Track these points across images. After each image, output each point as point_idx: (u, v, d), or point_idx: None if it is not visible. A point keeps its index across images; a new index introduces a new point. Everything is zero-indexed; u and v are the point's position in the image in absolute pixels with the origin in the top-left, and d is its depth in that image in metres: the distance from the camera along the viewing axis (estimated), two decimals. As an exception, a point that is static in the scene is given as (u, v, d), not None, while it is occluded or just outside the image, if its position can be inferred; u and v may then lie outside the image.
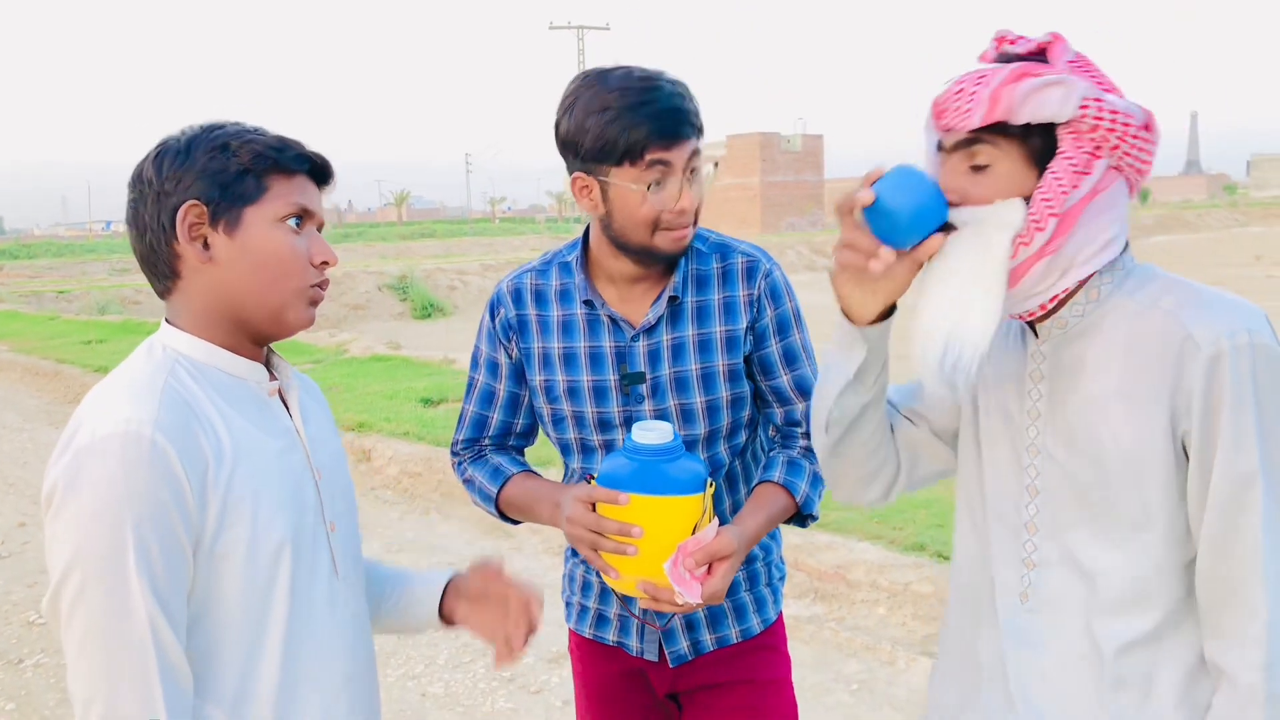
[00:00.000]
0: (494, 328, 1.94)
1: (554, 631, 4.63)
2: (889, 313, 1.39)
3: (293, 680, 1.34)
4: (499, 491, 1.94)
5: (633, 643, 1.95)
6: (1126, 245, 1.35)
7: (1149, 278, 1.33)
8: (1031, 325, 1.39)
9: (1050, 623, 1.38)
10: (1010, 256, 1.28)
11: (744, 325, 1.86)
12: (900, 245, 1.30)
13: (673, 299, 1.83)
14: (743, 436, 1.92)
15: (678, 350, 1.85)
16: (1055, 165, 1.26)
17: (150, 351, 1.37)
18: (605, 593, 1.96)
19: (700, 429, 1.86)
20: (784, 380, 1.89)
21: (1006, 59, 1.31)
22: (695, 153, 1.73)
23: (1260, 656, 1.22)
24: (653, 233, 1.73)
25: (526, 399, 1.96)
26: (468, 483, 2.01)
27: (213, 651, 1.29)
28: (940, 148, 1.34)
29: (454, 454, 2.04)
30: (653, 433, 1.64)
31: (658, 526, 1.62)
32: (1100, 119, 1.25)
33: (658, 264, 1.81)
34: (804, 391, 1.89)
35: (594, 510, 1.65)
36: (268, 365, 1.45)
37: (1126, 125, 1.26)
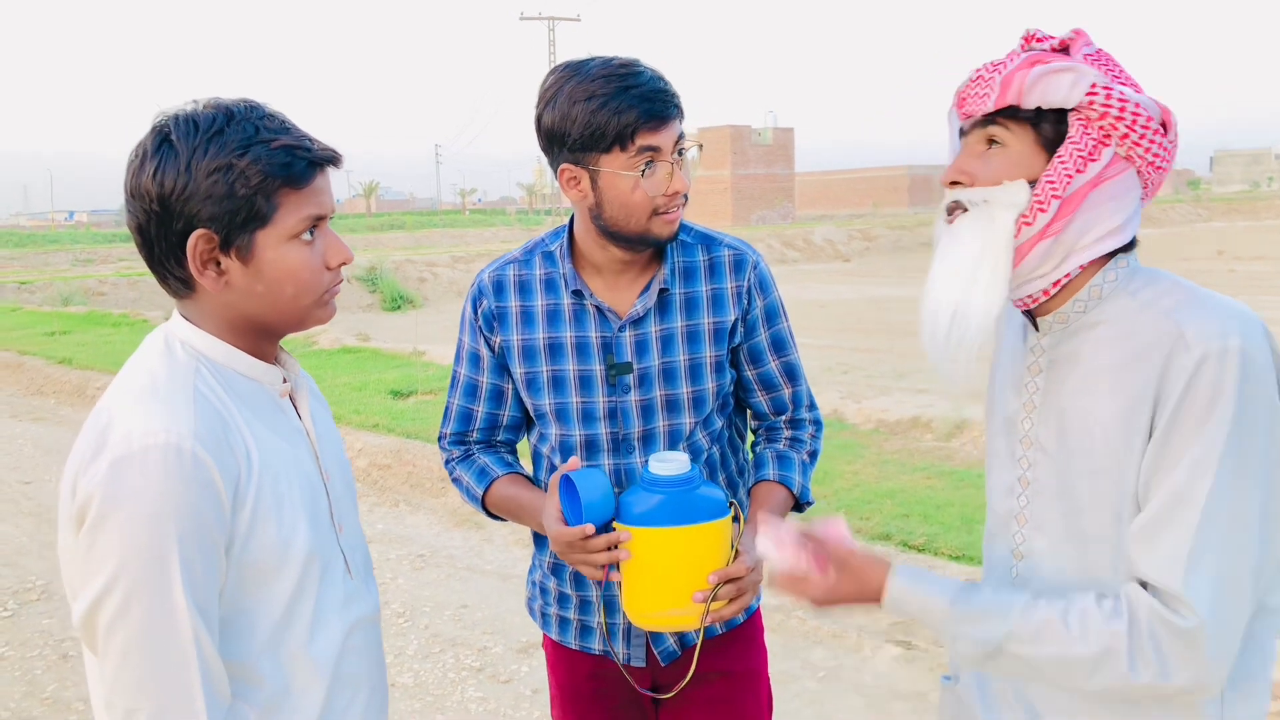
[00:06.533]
0: (475, 319, 1.91)
1: (522, 622, 4.65)
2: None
3: (316, 679, 1.35)
4: (484, 494, 1.94)
5: (619, 649, 1.92)
6: (1134, 244, 1.35)
7: (1154, 279, 1.34)
8: (1033, 320, 1.40)
9: None
10: (1014, 235, 1.31)
11: (733, 317, 1.87)
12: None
13: (663, 291, 1.84)
14: (719, 423, 1.93)
15: (666, 341, 1.85)
16: (1063, 150, 1.29)
17: (170, 349, 1.32)
18: (585, 603, 1.94)
19: (686, 419, 1.87)
20: (773, 366, 1.94)
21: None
22: (681, 135, 1.74)
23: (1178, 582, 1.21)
24: (650, 218, 1.74)
25: (511, 391, 1.93)
26: (455, 481, 2.00)
27: (244, 654, 1.29)
28: (961, 133, 1.39)
29: (441, 448, 2.02)
30: (669, 464, 1.64)
31: (682, 558, 1.61)
32: (1109, 106, 1.27)
33: (647, 250, 1.82)
34: (792, 376, 1.96)
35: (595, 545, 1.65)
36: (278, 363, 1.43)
37: (1136, 115, 1.28)
